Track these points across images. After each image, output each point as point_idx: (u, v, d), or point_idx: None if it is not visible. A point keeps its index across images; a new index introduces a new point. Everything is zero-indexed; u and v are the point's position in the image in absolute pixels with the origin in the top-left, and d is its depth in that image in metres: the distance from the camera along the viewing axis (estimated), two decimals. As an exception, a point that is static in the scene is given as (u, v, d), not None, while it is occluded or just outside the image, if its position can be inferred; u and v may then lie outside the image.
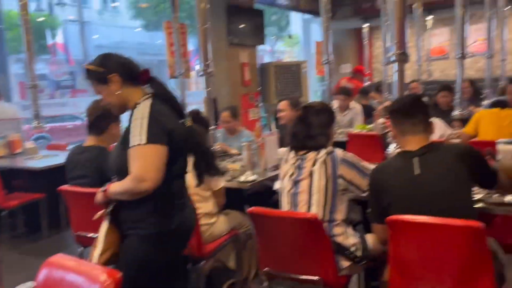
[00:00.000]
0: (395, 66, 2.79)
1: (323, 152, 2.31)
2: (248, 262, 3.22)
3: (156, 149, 1.78)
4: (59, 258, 1.64)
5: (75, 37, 20.12)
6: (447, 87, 5.16)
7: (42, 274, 1.62)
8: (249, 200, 3.15)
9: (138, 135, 1.77)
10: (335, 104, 5.76)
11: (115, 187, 1.87)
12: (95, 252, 1.86)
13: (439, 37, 10.33)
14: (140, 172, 1.74)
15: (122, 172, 1.82)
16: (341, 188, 2.29)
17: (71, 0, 21.29)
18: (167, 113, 1.88)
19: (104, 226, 1.90)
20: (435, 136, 3.93)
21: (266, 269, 2.37)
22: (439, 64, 10.32)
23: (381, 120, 4.76)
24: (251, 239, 3.19)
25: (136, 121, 1.81)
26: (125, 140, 1.83)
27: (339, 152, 2.33)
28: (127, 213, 1.90)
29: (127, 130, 1.85)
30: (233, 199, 3.27)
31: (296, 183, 2.33)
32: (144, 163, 1.75)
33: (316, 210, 2.24)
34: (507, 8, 7.32)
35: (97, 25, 22.33)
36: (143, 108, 1.84)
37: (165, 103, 1.91)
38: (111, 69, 1.88)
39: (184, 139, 1.91)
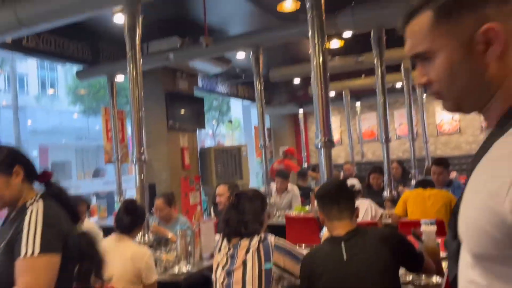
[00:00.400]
0: (322, 151, 2.93)
1: (256, 239, 2.29)
2: None
3: (49, 260, 1.59)
4: None
5: (9, 123, 19.45)
6: (377, 168, 5.46)
7: None
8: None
9: (30, 245, 1.56)
10: (273, 186, 5.85)
11: None
12: None
13: (368, 121, 11.12)
14: None
15: (2, 283, 1.58)
16: (276, 276, 2.25)
17: (6, 86, 20.89)
18: (62, 216, 1.73)
19: None
20: (366, 217, 4.05)
21: None
22: (371, 146, 10.99)
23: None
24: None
25: (29, 226, 1.61)
26: (9, 247, 1.60)
27: (271, 238, 2.32)
28: None
29: (15, 235, 1.62)
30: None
31: (229, 273, 2.26)
32: (35, 279, 1.55)
33: (250, 302, 2.16)
34: (424, 95, 8.14)
35: (34, 109, 21.83)
36: (36, 211, 1.66)
37: (59, 204, 1.76)
38: (19, 160, 1.80)
39: (77, 245, 1.73)
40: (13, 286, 1.55)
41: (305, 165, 10.45)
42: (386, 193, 4.67)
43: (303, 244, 3.27)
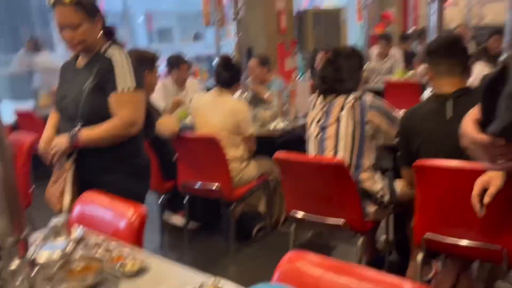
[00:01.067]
0: (434, 5, 2.61)
1: (351, 97, 2.26)
2: (278, 207, 3.29)
3: (142, 94, 1.87)
4: (90, 194, 1.73)
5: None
6: (500, 30, 4.83)
7: (76, 209, 1.73)
8: (280, 148, 3.17)
9: (126, 81, 1.81)
10: (373, 51, 5.54)
11: (94, 133, 1.83)
12: (64, 201, 1.86)
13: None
14: (131, 117, 1.83)
15: (94, 117, 1.83)
16: (369, 134, 2.25)
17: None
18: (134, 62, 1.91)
19: (70, 175, 1.88)
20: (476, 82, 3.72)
21: (292, 213, 2.41)
22: (492, 8, 9.57)
23: (421, 67, 4.55)
24: (280, 186, 3.24)
25: (120, 66, 1.83)
26: (98, 86, 1.84)
27: (368, 97, 2.27)
28: (96, 159, 1.90)
29: (102, 76, 1.84)
30: (264, 147, 3.30)
31: (323, 128, 2.31)
32: (135, 108, 1.84)
33: (342, 155, 2.22)
34: None
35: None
36: (120, 55, 1.86)
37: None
38: (99, 9, 1.89)
39: None
40: (104, 119, 1.83)
41: (411, 29, 9.58)
42: (502, 57, 4.17)
43: (402, 110, 3.16)
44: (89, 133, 1.84)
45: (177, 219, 3.50)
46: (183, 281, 1.13)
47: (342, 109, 2.25)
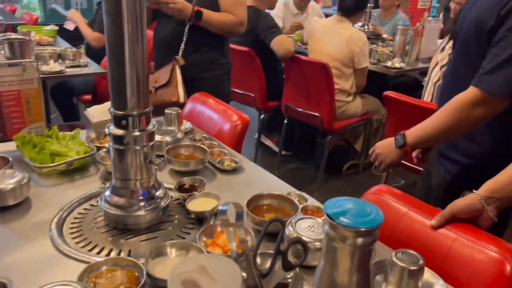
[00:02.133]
0: None
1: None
2: (375, 149, 3.21)
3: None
4: (201, 95, 1.85)
5: None
6: None
7: (187, 106, 1.88)
8: (393, 90, 3.02)
9: None
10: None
11: (215, 15, 1.98)
12: (180, 91, 1.99)
13: None
14: (244, 17, 2.03)
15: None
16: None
17: None
18: None
19: (179, 69, 2.01)
20: None
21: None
22: None
23: None
24: (383, 128, 3.13)
25: None
26: None
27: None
28: (199, 55, 2.05)
29: None
30: (375, 85, 3.17)
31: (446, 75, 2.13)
32: (245, 11, 2.05)
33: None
34: None
35: None
36: None
37: None
38: None
39: None
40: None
41: None
42: None
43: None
44: (210, 13, 1.98)
45: (272, 144, 3.62)
46: (271, 187, 1.20)
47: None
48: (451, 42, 2.17)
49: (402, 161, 2.26)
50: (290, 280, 0.61)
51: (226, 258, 0.46)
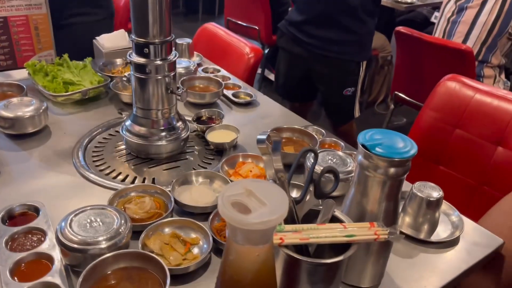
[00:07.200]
0: None
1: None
2: (379, 86, 3.20)
3: None
4: (212, 25, 1.80)
5: None
6: None
7: (198, 34, 1.83)
8: (400, 25, 2.95)
9: None
10: None
11: None
12: None
13: None
14: None
15: None
16: (510, 31, 1.99)
17: None
18: None
19: None
20: None
21: (396, 93, 2.34)
22: None
23: None
24: (388, 66, 3.09)
25: None
26: None
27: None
28: None
29: None
30: (382, 21, 3.07)
31: (461, 10, 2.07)
32: None
33: (471, 45, 2.02)
34: None
35: None
36: None
37: None
38: None
39: None
40: None
41: None
42: None
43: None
44: None
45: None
46: (288, 120, 1.20)
47: (490, -8, 1.98)
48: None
49: (405, 97, 2.29)
50: (321, 207, 0.63)
51: (271, 183, 0.48)
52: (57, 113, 1.18)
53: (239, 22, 3.15)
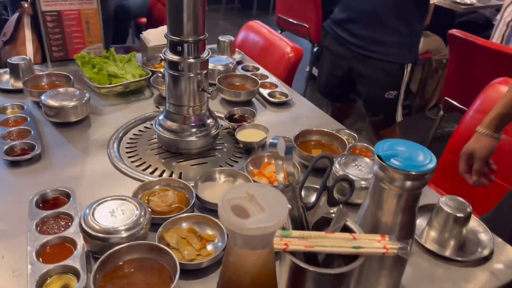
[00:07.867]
0: None
1: None
2: (431, 90, 3.08)
3: None
4: (256, 23, 1.81)
5: None
6: None
7: (241, 35, 1.85)
8: (460, 28, 2.81)
9: None
10: None
11: None
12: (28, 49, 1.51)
13: None
14: None
15: None
16: None
17: None
18: None
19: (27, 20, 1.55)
20: None
21: (446, 98, 2.24)
22: None
23: None
24: (443, 69, 2.96)
25: None
26: None
27: None
28: None
29: None
30: (440, 23, 2.94)
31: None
32: None
33: (533, 51, 1.89)
34: None
35: None
36: None
37: None
38: None
39: None
40: None
41: None
42: None
43: None
44: None
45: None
46: (320, 123, 1.19)
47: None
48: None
49: (455, 103, 2.17)
50: (333, 215, 0.62)
51: (274, 189, 0.48)
52: (99, 104, 1.24)
53: (290, 20, 3.14)
